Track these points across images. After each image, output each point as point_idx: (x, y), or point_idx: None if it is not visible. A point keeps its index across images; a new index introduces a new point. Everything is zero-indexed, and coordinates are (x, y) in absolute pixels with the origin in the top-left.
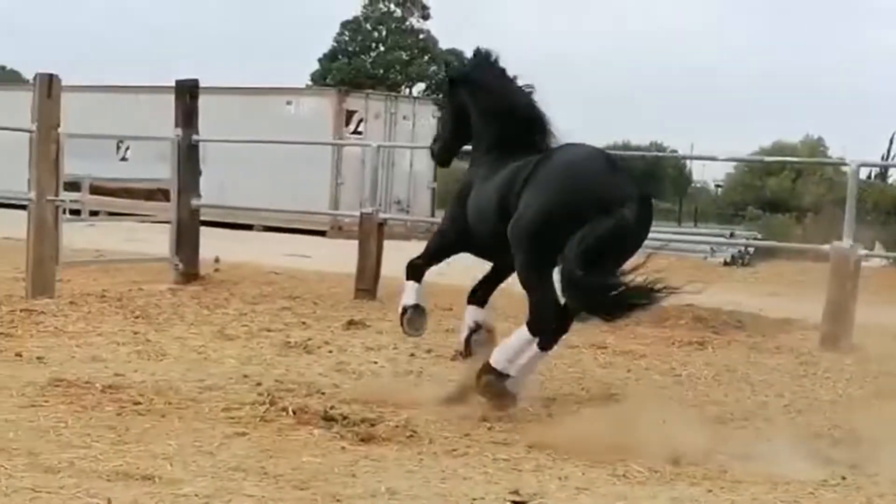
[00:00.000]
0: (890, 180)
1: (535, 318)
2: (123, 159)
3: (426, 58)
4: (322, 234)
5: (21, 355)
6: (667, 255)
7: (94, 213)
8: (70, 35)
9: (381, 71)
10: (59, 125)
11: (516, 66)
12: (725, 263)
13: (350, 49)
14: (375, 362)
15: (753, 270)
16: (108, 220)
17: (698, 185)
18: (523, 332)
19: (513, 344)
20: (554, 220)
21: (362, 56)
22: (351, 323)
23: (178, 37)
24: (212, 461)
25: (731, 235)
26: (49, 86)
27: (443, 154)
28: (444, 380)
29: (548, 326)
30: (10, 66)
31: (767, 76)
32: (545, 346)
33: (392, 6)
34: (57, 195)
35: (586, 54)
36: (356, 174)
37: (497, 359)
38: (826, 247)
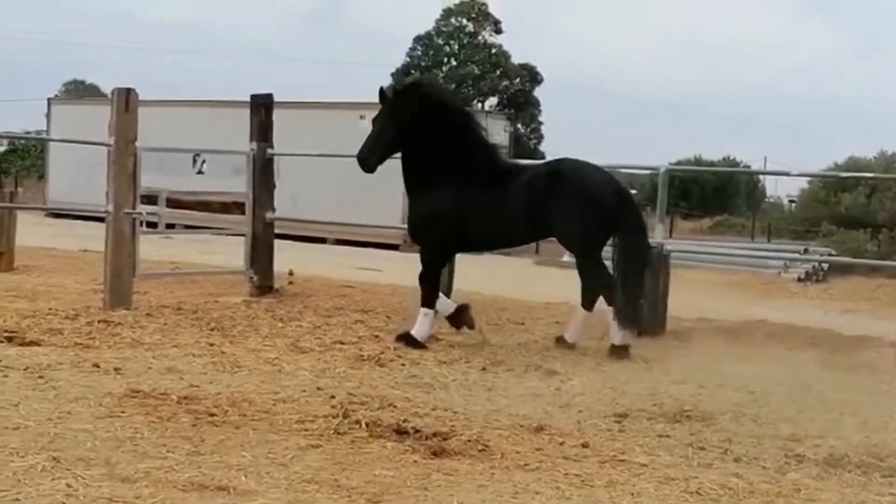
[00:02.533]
0: None
1: None
2: (200, 173)
3: (498, 72)
4: (395, 247)
5: (99, 366)
6: (740, 270)
7: (170, 226)
8: (145, 51)
9: (454, 85)
10: (136, 139)
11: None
12: (799, 279)
13: (423, 64)
14: (447, 376)
15: (827, 286)
16: (184, 233)
17: (771, 201)
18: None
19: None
20: None
21: (435, 70)
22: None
23: (252, 52)
24: (285, 473)
25: (805, 251)
26: (126, 100)
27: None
28: (515, 393)
29: None
30: (90, 81)
31: (842, 90)
32: None
33: (464, 21)
34: (134, 208)
35: (657, 67)
36: None
37: None
38: None
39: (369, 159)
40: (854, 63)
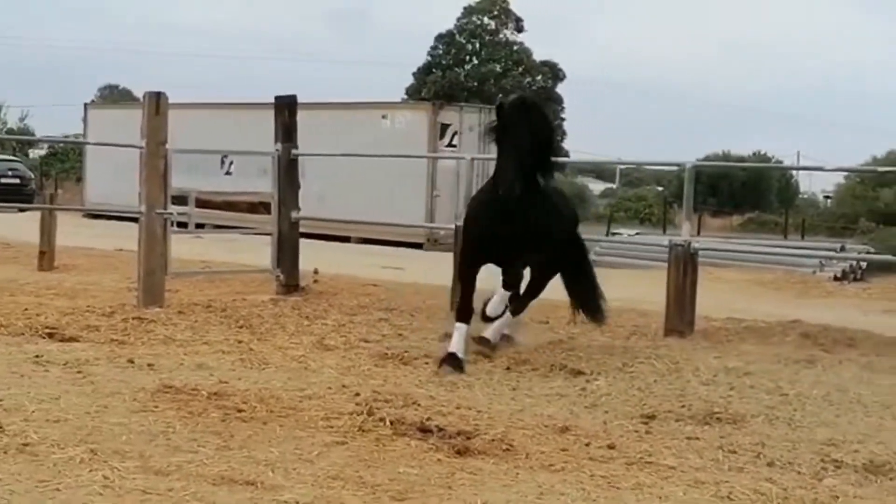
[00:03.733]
0: None
1: None
2: (228, 173)
3: (520, 70)
4: (419, 246)
5: (133, 362)
6: (773, 269)
7: (199, 226)
8: (171, 56)
9: (476, 83)
10: (166, 141)
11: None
12: (836, 278)
13: (444, 62)
14: (471, 374)
15: (866, 286)
16: (214, 233)
17: (805, 197)
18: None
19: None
20: None
21: (457, 69)
22: (447, 335)
23: (276, 54)
24: (311, 469)
25: (842, 249)
26: (157, 103)
27: None
28: (540, 393)
29: None
30: (123, 85)
31: (879, 83)
32: None
33: (486, 19)
34: (165, 208)
35: (683, 62)
36: (451, 187)
37: None
38: None
39: (516, 186)
40: (890, 55)
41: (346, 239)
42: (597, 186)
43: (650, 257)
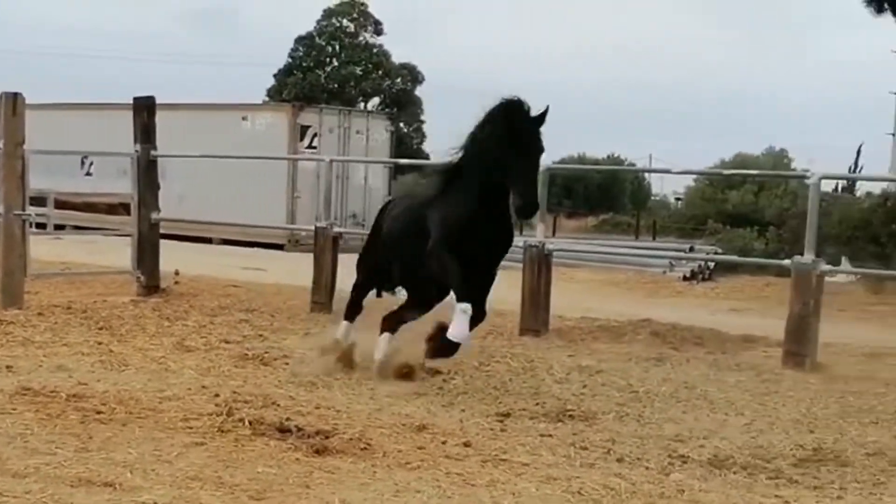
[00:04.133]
0: (858, 193)
1: None
2: (88, 174)
3: (380, 72)
4: (280, 247)
5: None
6: (625, 269)
7: (59, 227)
8: (27, 55)
9: (336, 86)
10: (23, 142)
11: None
12: (685, 278)
13: (304, 64)
14: (330, 374)
15: (714, 285)
16: (73, 234)
17: (657, 199)
18: None
19: None
20: None
21: (317, 71)
22: (307, 335)
23: (134, 55)
24: (170, 470)
25: (691, 249)
26: (14, 104)
27: None
28: (398, 392)
29: None
30: None
31: (733, 89)
32: None
33: (345, 21)
34: (23, 210)
35: (541, 65)
36: (312, 188)
37: None
38: (787, 262)
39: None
40: (741, 59)
41: (207, 240)
42: None
43: (507, 258)
